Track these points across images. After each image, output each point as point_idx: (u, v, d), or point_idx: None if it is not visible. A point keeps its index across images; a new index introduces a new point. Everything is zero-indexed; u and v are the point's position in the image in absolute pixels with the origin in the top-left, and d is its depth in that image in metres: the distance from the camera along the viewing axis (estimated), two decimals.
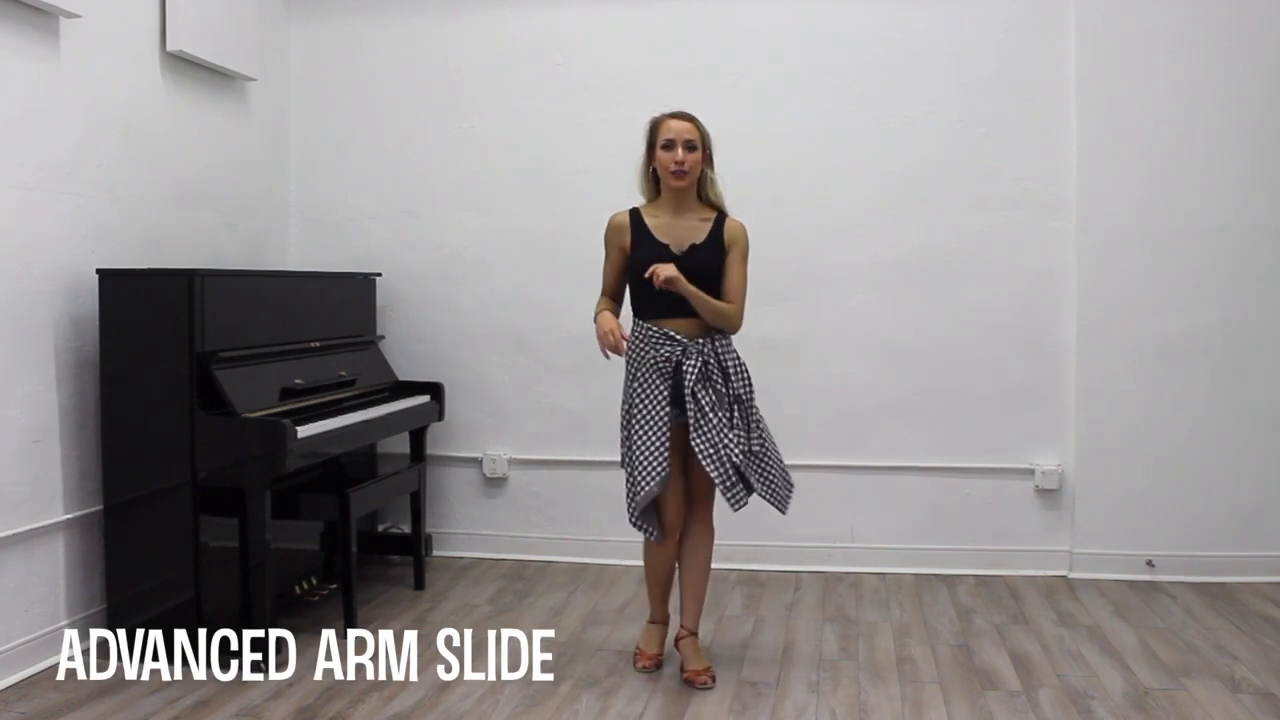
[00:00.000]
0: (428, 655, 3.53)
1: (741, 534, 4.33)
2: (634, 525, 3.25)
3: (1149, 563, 4.33)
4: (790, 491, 3.34)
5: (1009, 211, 4.40)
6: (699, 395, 3.15)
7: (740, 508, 3.22)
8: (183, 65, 4.06)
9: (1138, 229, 4.30)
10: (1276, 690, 3.19)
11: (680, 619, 3.41)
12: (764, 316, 4.05)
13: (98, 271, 3.48)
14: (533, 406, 4.70)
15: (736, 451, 3.15)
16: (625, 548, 4.39)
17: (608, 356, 3.25)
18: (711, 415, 3.15)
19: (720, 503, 3.29)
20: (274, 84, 4.68)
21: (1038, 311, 4.41)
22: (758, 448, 3.23)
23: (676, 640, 3.40)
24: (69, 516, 3.47)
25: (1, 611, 3.22)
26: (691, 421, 3.15)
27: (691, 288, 3.14)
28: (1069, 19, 4.32)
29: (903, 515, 4.50)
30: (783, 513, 3.34)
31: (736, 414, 3.21)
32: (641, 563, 3.49)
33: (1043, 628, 3.79)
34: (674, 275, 3.11)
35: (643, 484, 3.16)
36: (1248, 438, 4.28)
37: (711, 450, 3.14)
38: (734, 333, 3.27)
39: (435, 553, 4.68)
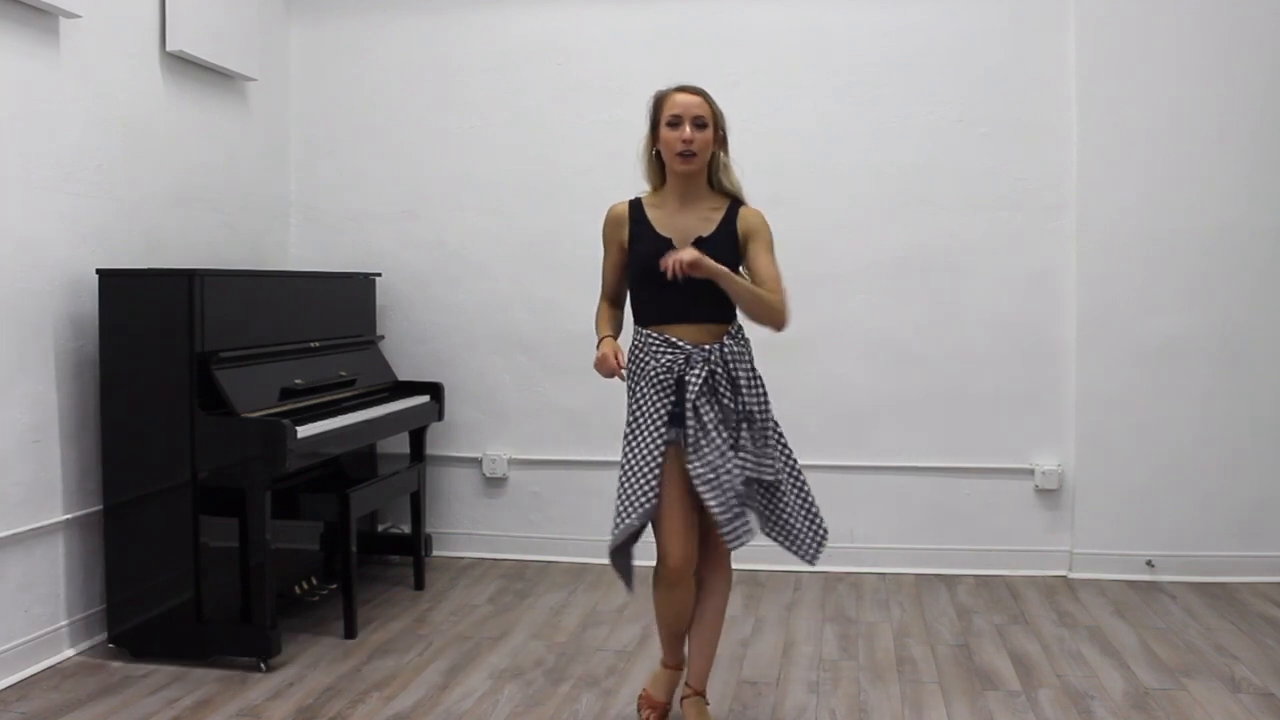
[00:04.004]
0: (427, 655, 3.53)
1: None
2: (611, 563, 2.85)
3: (1149, 563, 4.33)
4: (819, 539, 2.82)
5: (1009, 211, 4.40)
6: (701, 411, 2.70)
7: (738, 545, 2.72)
8: (182, 65, 4.06)
9: (1138, 229, 4.30)
10: (1276, 690, 3.19)
11: (686, 676, 2.94)
12: (758, 311, 4.05)
13: (98, 271, 3.48)
14: (533, 406, 4.70)
15: (740, 479, 2.70)
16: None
17: (610, 376, 2.77)
18: (715, 435, 2.69)
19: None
20: (274, 84, 4.68)
21: (1037, 311, 4.41)
22: (770, 477, 2.76)
23: (681, 699, 2.94)
24: (69, 516, 3.47)
25: (1, 611, 3.22)
26: (690, 442, 2.69)
27: (722, 268, 2.64)
28: (1069, 19, 4.32)
29: (903, 515, 4.50)
30: (809, 563, 2.83)
31: (745, 433, 2.74)
32: (648, 562, 2.93)
33: (1043, 628, 3.79)
34: (696, 257, 2.60)
35: (622, 515, 2.72)
36: (1248, 438, 4.28)
37: (711, 475, 2.67)
38: (780, 327, 2.77)
39: (435, 553, 4.68)
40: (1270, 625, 3.78)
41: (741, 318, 2.84)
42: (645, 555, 2.86)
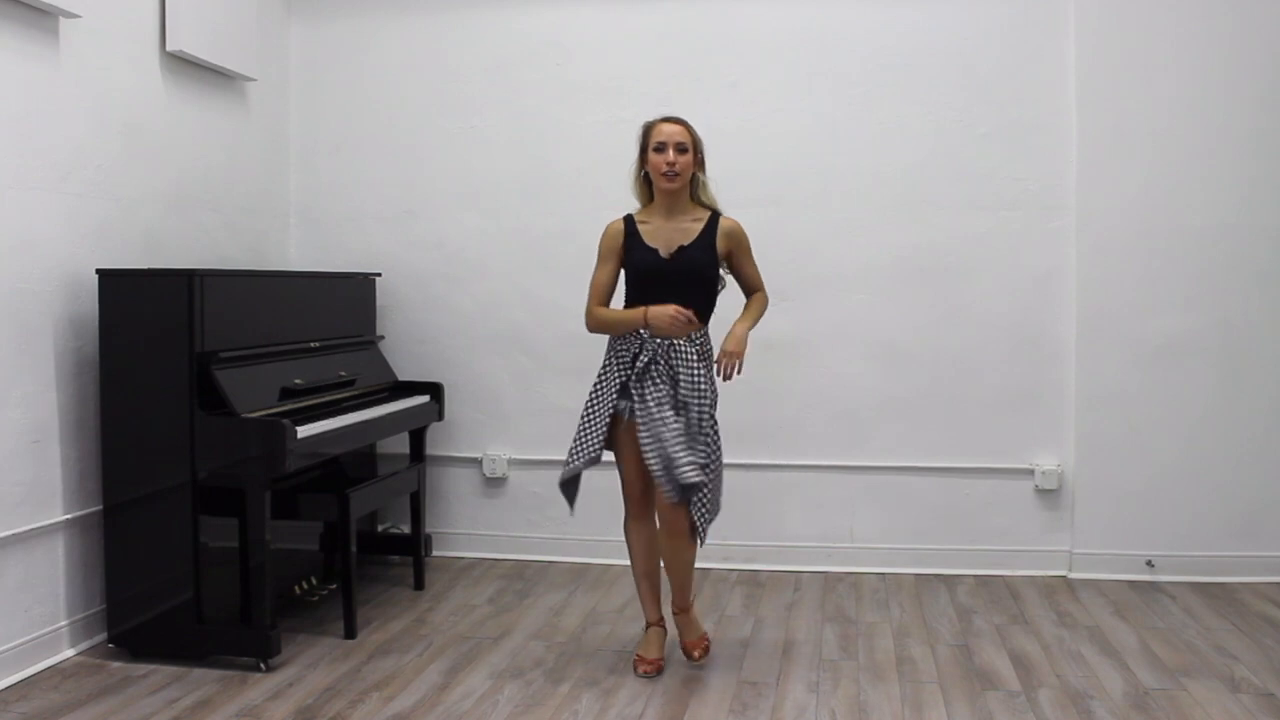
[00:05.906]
0: (427, 655, 3.53)
1: (741, 534, 4.34)
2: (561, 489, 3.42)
3: (1149, 563, 4.33)
4: (711, 518, 3.30)
5: (1009, 211, 4.40)
6: (643, 388, 3.24)
7: (674, 500, 3.21)
8: (182, 65, 4.06)
9: (1138, 229, 4.30)
10: (1276, 690, 3.19)
11: (672, 601, 3.44)
12: (764, 316, 4.07)
13: (98, 271, 3.47)
14: (533, 406, 4.70)
15: (676, 443, 3.18)
16: (625, 548, 4.38)
17: (692, 321, 3.23)
18: (654, 408, 3.21)
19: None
20: (274, 84, 4.68)
21: (1037, 311, 4.41)
22: (701, 460, 3.24)
23: (674, 615, 3.46)
24: (69, 516, 3.47)
25: (1, 611, 3.22)
26: (637, 409, 3.25)
27: (746, 334, 3.30)
28: (1069, 19, 4.32)
29: (903, 515, 4.50)
30: (700, 539, 3.32)
31: (681, 418, 3.25)
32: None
33: (1043, 628, 3.79)
34: (737, 351, 3.26)
35: (574, 457, 3.32)
36: (1248, 438, 4.28)
37: (652, 441, 3.20)
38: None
39: (435, 553, 4.68)
40: (1270, 625, 3.78)
41: (710, 330, 3.37)
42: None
